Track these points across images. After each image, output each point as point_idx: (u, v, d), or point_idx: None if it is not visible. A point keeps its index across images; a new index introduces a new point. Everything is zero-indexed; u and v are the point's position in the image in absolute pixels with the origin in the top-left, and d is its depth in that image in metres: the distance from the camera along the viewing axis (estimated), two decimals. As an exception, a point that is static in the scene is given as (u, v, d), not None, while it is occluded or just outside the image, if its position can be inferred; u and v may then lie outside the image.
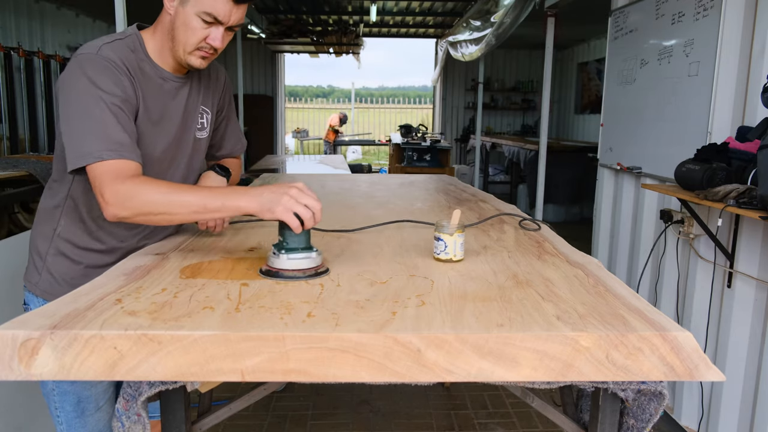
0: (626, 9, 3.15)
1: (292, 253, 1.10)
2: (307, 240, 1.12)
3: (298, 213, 1.07)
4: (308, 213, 1.08)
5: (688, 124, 2.49)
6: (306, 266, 1.10)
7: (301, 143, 13.01)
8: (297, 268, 1.09)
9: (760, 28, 2.17)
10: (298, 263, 1.09)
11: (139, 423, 0.99)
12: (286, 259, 1.09)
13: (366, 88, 22.40)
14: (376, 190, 2.42)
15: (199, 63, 1.31)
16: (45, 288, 1.37)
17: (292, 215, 1.07)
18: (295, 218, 1.07)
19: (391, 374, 0.82)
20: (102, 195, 1.14)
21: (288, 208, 1.08)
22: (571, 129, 8.97)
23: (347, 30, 8.51)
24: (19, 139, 5.05)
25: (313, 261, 1.11)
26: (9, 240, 2.20)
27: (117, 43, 1.28)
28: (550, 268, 1.20)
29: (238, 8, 1.25)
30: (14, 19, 5.30)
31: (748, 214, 1.82)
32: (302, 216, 1.08)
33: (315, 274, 1.10)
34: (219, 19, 1.24)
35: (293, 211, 1.07)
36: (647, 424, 1.02)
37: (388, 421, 2.58)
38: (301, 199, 1.08)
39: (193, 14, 1.23)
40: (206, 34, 1.26)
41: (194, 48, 1.27)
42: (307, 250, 1.12)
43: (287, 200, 1.08)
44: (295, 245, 1.11)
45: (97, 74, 1.19)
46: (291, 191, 1.09)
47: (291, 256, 1.09)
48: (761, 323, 2.12)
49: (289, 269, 1.09)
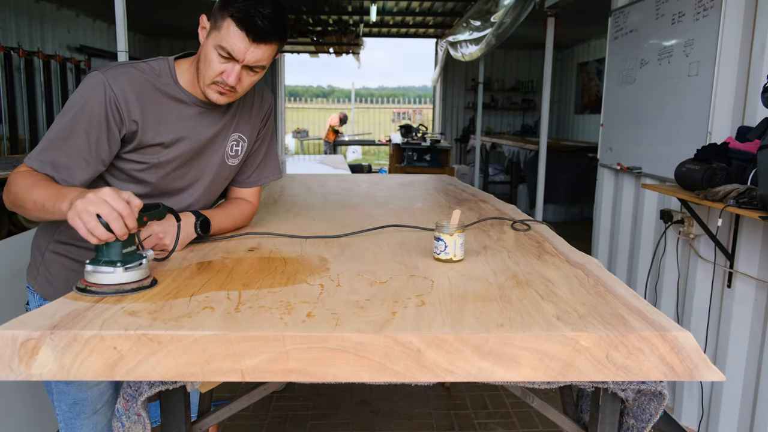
0: (626, 9, 3.15)
1: (94, 265, 0.99)
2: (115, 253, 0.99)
3: (83, 221, 0.95)
4: (91, 222, 0.95)
5: (688, 124, 2.49)
6: (108, 281, 0.97)
7: (301, 143, 13.01)
8: (102, 283, 0.98)
9: (760, 28, 2.17)
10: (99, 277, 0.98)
11: (139, 423, 0.99)
12: (90, 270, 0.99)
13: (366, 88, 22.42)
14: (376, 190, 2.42)
15: (216, 98, 1.30)
16: (42, 285, 1.37)
17: (78, 221, 0.95)
18: (81, 225, 0.95)
19: (391, 374, 0.82)
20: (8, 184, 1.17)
21: (74, 213, 0.96)
22: (571, 129, 8.97)
23: (347, 30, 8.51)
24: (19, 139, 5.05)
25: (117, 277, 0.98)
26: (9, 240, 2.20)
27: (137, 67, 1.30)
28: (550, 268, 1.20)
29: (256, 47, 1.22)
30: (14, 19, 5.30)
31: (748, 214, 1.82)
32: (85, 225, 0.95)
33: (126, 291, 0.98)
34: (234, 56, 1.22)
35: (80, 217, 0.95)
36: (647, 424, 1.02)
37: (388, 421, 2.58)
38: (91, 206, 0.95)
39: (212, 47, 1.24)
40: (222, 69, 1.25)
41: (210, 81, 1.27)
42: (110, 264, 0.98)
43: (76, 205, 0.96)
44: (100, 257, 0.99)
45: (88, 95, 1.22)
46: (86, 196, 0.96)
47: (90, 269, 0.99)
48: (761, 323, 2.12)
49: (94, 283, 0.98)
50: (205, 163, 1.43)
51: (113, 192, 0.97)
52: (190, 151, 1.38)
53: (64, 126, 1.22)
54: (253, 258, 1.25)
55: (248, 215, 1.56)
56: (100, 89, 1.23)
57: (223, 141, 1.44)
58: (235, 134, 1.46)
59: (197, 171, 1.42)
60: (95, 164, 1.24)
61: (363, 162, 11.69)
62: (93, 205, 0.95)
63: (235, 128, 1.46)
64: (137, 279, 1.00)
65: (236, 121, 1.45)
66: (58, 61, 5.63)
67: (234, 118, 1.45)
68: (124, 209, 0.97)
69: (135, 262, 1.01)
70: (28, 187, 1.11)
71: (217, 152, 1.44)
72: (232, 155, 1.47)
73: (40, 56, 5.34)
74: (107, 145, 1.24)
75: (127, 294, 0.97)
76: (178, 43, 8.99)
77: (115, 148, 1.27)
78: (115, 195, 0.97)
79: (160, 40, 9.00)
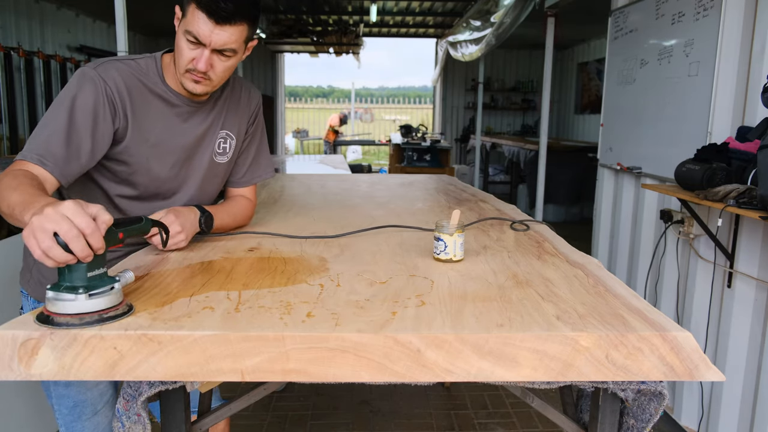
0: (626, 9, 3.15)
1: (53, 291, 0.84)
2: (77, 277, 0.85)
3: (37, 240, 0.81)
4: (45, 242, 0.80)
5: (688, 124, 2.49)
6: (65, 311, 0.83)
7: (301, 143, 13.02)
8: (59, 312, 0.83)
9: (760, 28, 2.17)
10: (58, 306, 0.83)
11: (139, 423, 0.99)
12: (50, 297, 0.84)
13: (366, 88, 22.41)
14: (376, 190, 2.42)
15: (192, 87, 1.28)
16: (35, 287, 1.37)
17: (32, 241, 0.81)
18: (36, 246, 0.81)
19: (391, 374, 0.82)
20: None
21: (29, 232, 0.82)
22: (571, 129, 8.97)
23: (347, 30, 8.51)
24: (19, 139, 5.05)
25: (74, 305, 0.83)
26: (9, 240, 2.20)
27: (127, 63, 1.29)
28: (550, 268, 1.20)
29: (221, 29, 1.20)
30: (14, 19, 5.30)
31: (748, 214, 1.82)
32: (39, 244, 0.81)
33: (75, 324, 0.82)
34: (199, 40, 1.21)
35: (34, 236, 0.81)
36: (647, 424, 1.02)
37: (388, 421, 2.58)
38: (48, 223, 0.81)
39: (181, 34, 1.23)
40: (192, 56, 1.24)
41: (184, 70, 1.26)
42: (70, 290, 0.84)
43: (32, 222, 0.82)
44: (61, 281, 0.85)
45: (80, 87, 1.21)
46: (44, 211, 0.82)
47: (51, 295, 0.84)
48: (761, 323, 2.12)
49: (53, 312, 0.84)
50: (196, 162, 1.42)
51: (76, 206, 0.83)
52: (178, 151, 1.38)
53: (56, 118, 1.19)
54: (253, 258, 1.25)
55: (248, 212, 1.57)
56: (92, 83, 1.22)
57: (211, 139, 1.43)
58: (223, 131, 1.45)
59: (187, 171, 1.42)
60: (87, 157, 1.22)
61: (363, 162, 11.69)
62: (50, 222, 0.81)
63: (222, 125, 1.45)
64: (105, 307, 0.85)
65: (223, 118, 1.45)
66: (58, 61, 5.63)
67: (221, 116, 1.44)
68: (88, 226, 0.82)
69: (103, 287, 0.86)
70: (10, 188, 1.03)
71: (206, 151, 1.43)
72: (219, 152, 1.46)
73: (40, 56, 5.34)
74: (100, 137, 1.23)
75: (92, 325, 0.82)
76: (178, 43, 8.98)
77: (108, 141, 1.25)
78: (78, 209, 0.83)
79: (160, 40, 9.00)
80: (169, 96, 1.33)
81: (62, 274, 0.85)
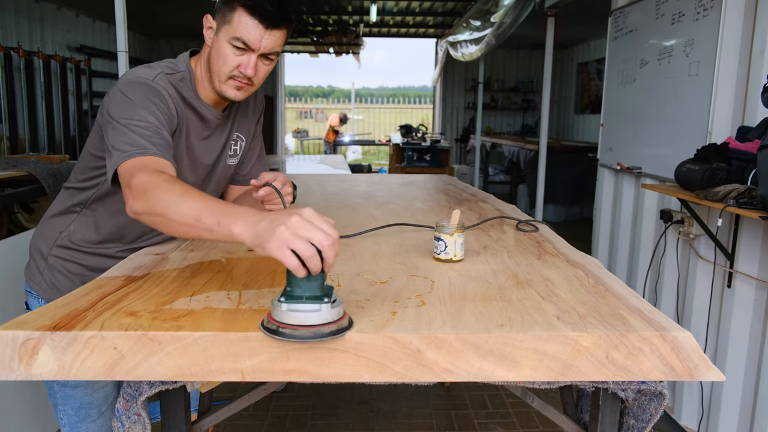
0: (626, 9, 3.15)
1: (294, 302, 0.81)
2: (317, 286, 0.81)
3: (296, 250, 0.79)
4: (309, 250, 0.78)
5: (688, 124, 2.49)
6: (312, 322, 0.80)
7: (301, 143, 13.02)
8: (301, 324, 0.80)
9: (760, 28, 2.17)
10: (302, 317, 0.80)
11: (139, 423, 0.99)
12: (286, 310, 0.80)
13: (366, 88, 22.42)
14: (376, 190, 2.42)
15: (233, 94, 1.29)
16: (47, 289, 1.37)
17: (288, 253, 0.79)
18: (292, 257, 0.79)
19: (391, 374, 0.82)
20: (128, 185, 1.04)
21: (282, 242, 0.79)
22: (571, 129, 8.97)
23: (347, 30, 8.51)
24: (19, 139, 5.05)
25: (322, 315, 0.80)
26: (9, 240, 2.20)
27: (173, 77, 1.29)
28: (550, 268, 1.20)
29: (270, 34, 1.22)
30: (14, 19, 5.30)
31: (748, 214, 1.82)
32: (300, 253, 0.78)
33: (327, 334, 0.80)
34: (249, 45, 1.22)
35: (290, 247, 0.79)
36: (647, 424, 1.02)
37: (388, 421, 2.57)
38: (302, 231, 0.79)
39: (225, 41, 1.23)
40: (239, 62, 1.24)
41: (227, 77, 1.26)
42: (315, 300, 0.81)
43: (282, 233, 0.79)
44: (300, 293, 0.81)
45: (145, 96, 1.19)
46: (291, 220, 0.80)
47: (293, 307, 0.80)
48: (761, 323, 2.12)
49: (290, 324, 0.80)
50: (216, 169, 1.45)
51: (317, 214, 0.83)
52: (208, 164, 1.41)
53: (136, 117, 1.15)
54: (253, 258, 1.25)
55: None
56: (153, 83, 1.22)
57: (228, 145, 1.46)
58: (235, 134, 1.47)
59: (210, 178, 1.45)
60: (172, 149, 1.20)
61: (363, 162, 11.69)
62: (306, 231, 0.79)
63: (236, 129, 1.47)
64: (339, 316, 0.83)
65: (237, 122, 1.47)
66: (58, 61, 5.62)
67: (235, 120, 1.46)
68: (334, 233, 0.81)
69: (335, 297, 0.83)
70: (177, 193, 0.96)
71: (224, 157, 1.46)
72: (231, 155, 1.48)
73: (40, 56, 5.34)
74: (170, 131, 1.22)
75: (324, 339, 0.80)
76: (178, 43, 8.99)
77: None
78: (320, 217, 0.83)
79: (160, 40, 9.00)
80: (203, 110, 1.34)
81: (297, 284, 0.81)
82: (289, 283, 0.82)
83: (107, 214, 1.34)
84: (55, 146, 5.56)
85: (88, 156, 1.32)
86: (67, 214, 1.37)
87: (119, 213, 1.31)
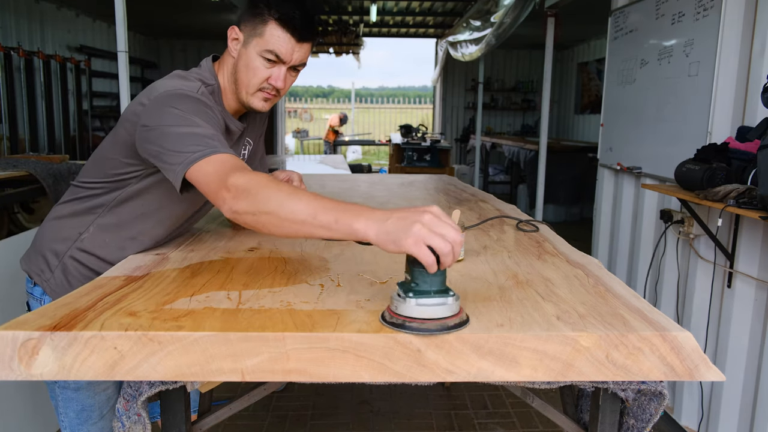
0: (626, 9, 3.15)
1: (422, 297, 0.84)
2: (442, 281, 0.86)
3: (433, 246, 0.82)
4: (446, 246, 0.82)
5: (688, 124, 2.49)
6: (439, 315, 0.84)
7: (301, 143, 13.02)
8: (429, 317, 0.84)
9: (760, 28, 2.17)
10: (430, 311, 0.84)
11: (139, 423, 0.99)
12: (414, 304, 0.84)
13: (366, 88, 22.42)
14: (376, 190, 2.42)
15: (261, 105, 1.30)
16: (57, 288, 1.36)
17: (426, 249, 0.81)
18: (429, 253, 0.81)
19: (391, 374, 0.82)
20: (224, 186, 1.01)
21: (420, 239, 0.81)
22: (571, 129, 8.97)
23: (347, 30, 8.51)
24: (19, 139, 5.05)
25: (450, 308, 0.85)
26: (9, 240, 2.20)
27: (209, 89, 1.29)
28: (550, 268, 1.20)
29: (300, 47, 1.25)
30: (14, 19, 5.30)
31: (748, 214, 1.82)
32: (438, 250, 0.82)
33: (452, 326, 0.84)
34: (281, 58, 1.24)
35: (427, 243, 0.81)
36: (647, 424, 1.02)
37: (388, 421, 2.58)
38: (436, 228, 0.83)
39: (255, 54, 1.24)
40: (269, 74, 1.26)
41: (256, 89, 1.27)
42: (442, 294, 0.85)
43: (419, 229, 0.82)
44: (428, 287, 0.85)
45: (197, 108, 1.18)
46: (424, 218, 0.83)
47: (421, 302, 0.84)
48: (761, 323, 2.12)
49: (418, 318, 0.84)
50: None
51: (441, 210, 0.86)
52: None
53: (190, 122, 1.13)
54: (253, 258, 1.25)
55: None
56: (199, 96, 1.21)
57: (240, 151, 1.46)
58: (246, 140, 1.48)
59: None
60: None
61: (363, 162, 11.69)
62: (441, 228, 0.83)
63: (247, 134, 1.47)
64: (459, 310, 0.87)
65: (248, 128, 1.46)
66: (58, 61, 5.63)
67: (247, 127, 1.46)
68: (460, 230, 0.85)
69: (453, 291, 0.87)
70: (288, 192, 0.96)
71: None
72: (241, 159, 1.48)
73: (40, 56, 5.34)
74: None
75: (451, 331, 0.83)
76: (178, 43, 8.98)
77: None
78: (446, 215, 0.86)
79: (160, 40, 9.00)
80: (230, 123, 1.34)
81: (426, 280, 0.85)
82: (414, 278, 0.86)
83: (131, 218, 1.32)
84: (55, 146, 5.56)
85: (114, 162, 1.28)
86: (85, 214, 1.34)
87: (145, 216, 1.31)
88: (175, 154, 1.09)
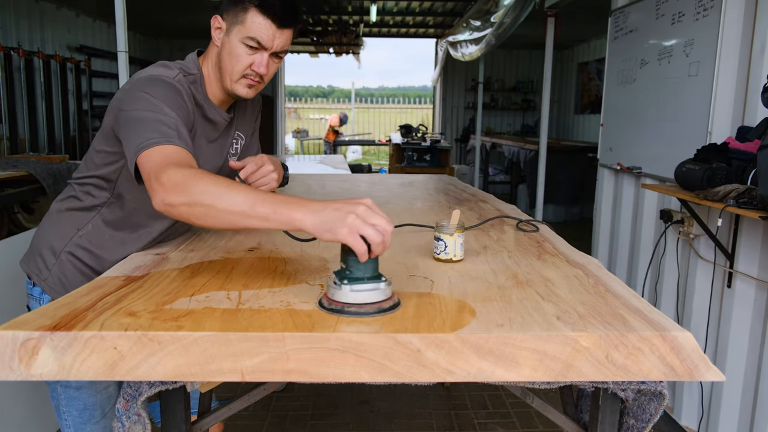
0: (626, 9, 3.15)
1: (357, 283, 0.91)
2: (375, 268, 0.93)
3: (366, 236, 0.88)
4: (378, 236, 0.88)
5: (688, 124, 2.49)
6: (373, 299, 0.91)
7: (301, 143, 13.02)
8: (362, 302, 0.90)
9: (760, 28, 2.17)
10: (364, 296, 0.90)
11: (139, 423, 0.99)
12: (348, 291, 0.90)
13: (366, 88, 22.43)
14: (376, 190, 2.42)
15: (245, 92, 1.32)
16: (54, 286, 1.36)
17: (358, 238, 0.87)
18: (362, 242, 0.88)
19: (391, 374, 0.82)
20: (157, 179, 1.02)
21: (354, 229, 0.87)
22: (571, 129, 8.97)
23: (347, 30, 8.52)
24: (19, 139, 5.05)
25: (383, 293, 0.92)
26: (9, 240, 2.20)
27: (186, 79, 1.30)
28: (550, 268, 1.20)
29: (281, 33, 1.27)
30: (14, 19, 5.30)
31: (748, 214, 1.82)
32: (370, 239, 0.88)
33: (387, 309, 0.91)
34: (262, 44, 1.26)
35: (360, 233, 0.87)
36: (647, 424, 1.02)
37: (388, 421, 2.57)
38: (369, 219, 0.88)
39: (237, 41, 1.26)
40: (251, 61, 1.28)
41: (240, 76, 1.29)
42: (375, 279, 0.92)
43: (353, 220, 0.87)
44: (361, 274, 0.91)
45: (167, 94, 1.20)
46: (358, 209, 0.89)
47: (355, 288, 0.90)
48: (761, 323, 2.12)
49: (352, 303, 0.90)
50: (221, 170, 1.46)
51: (374, 203, 0.92)
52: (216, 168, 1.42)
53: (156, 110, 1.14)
54: (253, 258, 1.25)
55: None
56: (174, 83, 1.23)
57: (231, 145, 1.47)
58: (236, 133, 1.49)
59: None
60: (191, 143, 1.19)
61: (363, 162, 11.69)
62: (373, 218, 0.89)
63: (237, 128, 1.49)
64: (392, 294, 0.94)
65: (238, 121, 1.48)
66: (58, 61, 5.63)
67: (236, 119, 1.48)
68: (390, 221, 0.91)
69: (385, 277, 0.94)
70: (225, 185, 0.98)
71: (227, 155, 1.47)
72: (232, 153, 1.49)
73: (40, 56, 5.34)
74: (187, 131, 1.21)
75: (386, 313, 0.90)
76: (178, 43, 8.98)
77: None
78: (376, 206, 0.92)
79: (160, 40, 9.00)
80: (213, 113, 1.36)
81: (359, 267, 0.91)
82: (348, 266, 0.92)
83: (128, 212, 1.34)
84: (55, 146, 5.56)
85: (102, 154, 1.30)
86: (83, 212, 1.35)
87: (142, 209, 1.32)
88: (134, 139, 1.11)
